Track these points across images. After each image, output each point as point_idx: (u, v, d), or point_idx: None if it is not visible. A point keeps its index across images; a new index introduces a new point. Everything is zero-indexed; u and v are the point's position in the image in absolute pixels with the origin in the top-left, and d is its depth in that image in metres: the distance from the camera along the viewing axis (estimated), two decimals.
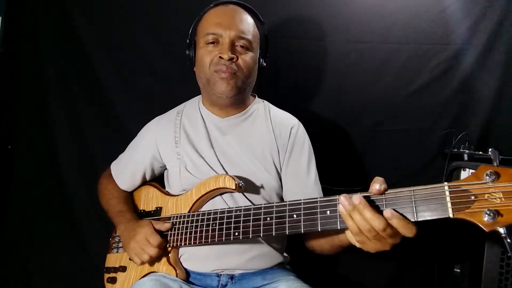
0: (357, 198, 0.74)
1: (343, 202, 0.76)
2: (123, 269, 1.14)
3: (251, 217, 0.92)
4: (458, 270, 1.29)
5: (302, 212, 0.84)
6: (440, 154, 1.46)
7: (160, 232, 1.05)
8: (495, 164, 0.70)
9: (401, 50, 1.51)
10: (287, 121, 1.18)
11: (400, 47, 1.51)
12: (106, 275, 1.18)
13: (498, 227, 0.66)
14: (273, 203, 0.90)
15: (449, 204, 0.69)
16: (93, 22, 1.58)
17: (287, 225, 0.86)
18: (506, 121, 1.48)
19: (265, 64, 1.19)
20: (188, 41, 1.15)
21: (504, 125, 1.49)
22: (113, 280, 1.15)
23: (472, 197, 0.68)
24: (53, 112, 1.60)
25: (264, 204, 0.91)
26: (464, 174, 1.22)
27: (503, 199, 0.66)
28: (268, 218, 0.89)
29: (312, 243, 1.08)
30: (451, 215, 0.69)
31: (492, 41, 1.46)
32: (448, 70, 1.49)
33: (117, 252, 1.19)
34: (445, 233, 1.39)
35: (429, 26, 1.49)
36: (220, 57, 1.05)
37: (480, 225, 0.67)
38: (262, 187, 1.09)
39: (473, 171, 1.19)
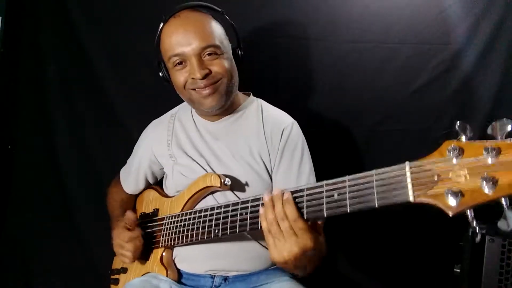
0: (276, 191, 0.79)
1: (264, 198, 0.80)
2: (124, 270, 1.18)
3: (229, 213, 0.91)
4: (458, 270, 1.29)
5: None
6: None
7: (151, 231, 1.10)
8: (464, 139, 0.60)
9: (401, 50, 1.50)
10: (280, 122, 1.13)
11: (400, 47, 1.50)
12: (111, 277, 1.22)
13: (463, 210, 0.57)
14: (249, 198, 0.88)
15: (409, 186, 0.61)
16: (93, 22, 1.58)
17: (260, 219, 0.83)
18: None
19: (242, 52, 1.12)
20: (157, 62, 1.10)
21: None
22: (115, 282, 1.20)
23: (435, 177, 0.59)
24: (53, 112, 1.60)
25: (241, 199, 0.90)
26: None
27: (467, 176, 0.57)
28: (244, 213, 0.88)
29: None
30: (411, 199, 0.61)
31: (492, 41, 1.46)
32: (448, 70, 1.49)
33: None
34: (445, 233, 1.39)
35: (429, 26, 1.48)
36: (193, 78, 1.01)
37: (443, 208, 0.58)
38: (251, 186, 1.07)
39: None
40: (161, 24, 1.05)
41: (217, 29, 1.05)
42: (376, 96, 1.52)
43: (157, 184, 1.28)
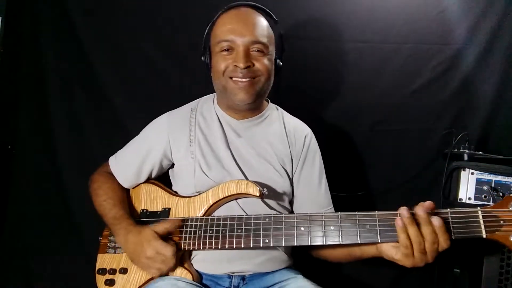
0: (421, 210, 0.83)
1: (404, 213, 0.83)
2: (124, 271, 1.09)
3: (283, 226, 0.94)
4: (458, 270, 1.29)
5: (340, 224, 0.90)
6: (440, 154, 1.46)
7: (167, 235, 1.03)
8: None
9: (401, 50, 1.51)
10: (301, 129, 1.19)
11: (400, 47, 1.51)
12: (102, 277, 1.12)
13: None
14: (307, 213, 0.94)
15: (482, 226, 0.82)
16: (93, 22, 1.57)
17: (324, 236, 0.91)
18: (506, 121, 1.48)
19: (281, 63, 1.16)
20: (203, 47, 1.13)
21: (504, 125, 1.49)
22: (111, 283, 1.10)
23: (501, 222, 0.81)
24: (53, 112, 1.60)
25: (297, 214, 0.96)
26: (464, 174, 1.22)
27: None
28: (302, 228, 0.92)
29: (324, 252, 1.11)
30: (484, 236, 0.81)
31: (492, 41, 1.47)
32: (448, 70, 1.49)
33: (114, 252, 1.13)
34: None
35: (429, 26, 1.49)
36: (236, 65, 1.04)
37: (508, 246, 0.81)
38: (275, 191, 1.09)
39: (473, 171, 1.20)
40: (220, 12, 1.10)
41: (269, 32, 1.11)
42: (376, 96, 1.52)
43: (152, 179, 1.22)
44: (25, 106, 1.63)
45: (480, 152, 1.29)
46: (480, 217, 0.82)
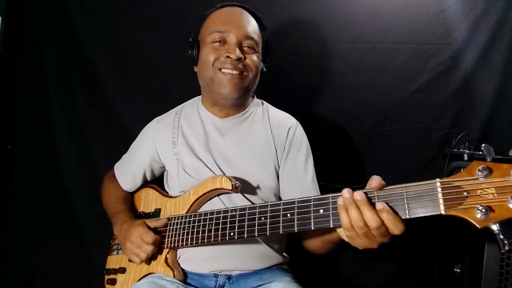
0: (359, 194, 0.74)
1: (345, 194, 0.75)
2: (122, 270, 1.15)
3: (246, 217, 0.92)
4: (458, 270, 1.29)
5: (296, 211, 0.84)
6: (440, 154, 1.46)
7: (156, 230, 1.06)
8: (488, 160, 0.68)
9: (401, 50, 1.51)
10: (285, 121, 1.17)
11: (400, 47, 1.51)
12: (106, 277, 1.19)
13: (490, 224, 0.63)
14: (267, 202, 0.90)
15: (441, 201, 0.68)
16: (93, 22, 1.58)
17: (281, 224, 0.86)
18: (506, 121, 1.48)
19: (265, 69, 1.18)
20: (191, 39, 1.15)
21: (504, 125, 1.49)
22: (112, 282, 1.16)
23: (465, 193, 0.66)
24: (53, 112, 1.60)
25: (259, 204, 0.91)
26: None
27: (495, 194, 0.64)
28: (263, 218, 0.89)
29: (308, 243, 1.09)
30: (442, 212, 0.67)
31: (492, 41, 1.46)
32: (448, 70, 1.49)
33: (117, 254, 1.20)
34: (445, 233, 1.39)
35: (429, 26, 1.49)
36: (228, 56, 1.05)
37: (473, 222, 0.65)
38: (260, 187, 1.08)
39: None
40: (212, 9, 1.13)
41: (259, 33, 1.14)
42: (376, 96, 1.52)
43: (154, 182, 1.26)
44: (25, 106, 1.63)
45: (480, 152, 1.29)
46: (439, 189, 0.68)
